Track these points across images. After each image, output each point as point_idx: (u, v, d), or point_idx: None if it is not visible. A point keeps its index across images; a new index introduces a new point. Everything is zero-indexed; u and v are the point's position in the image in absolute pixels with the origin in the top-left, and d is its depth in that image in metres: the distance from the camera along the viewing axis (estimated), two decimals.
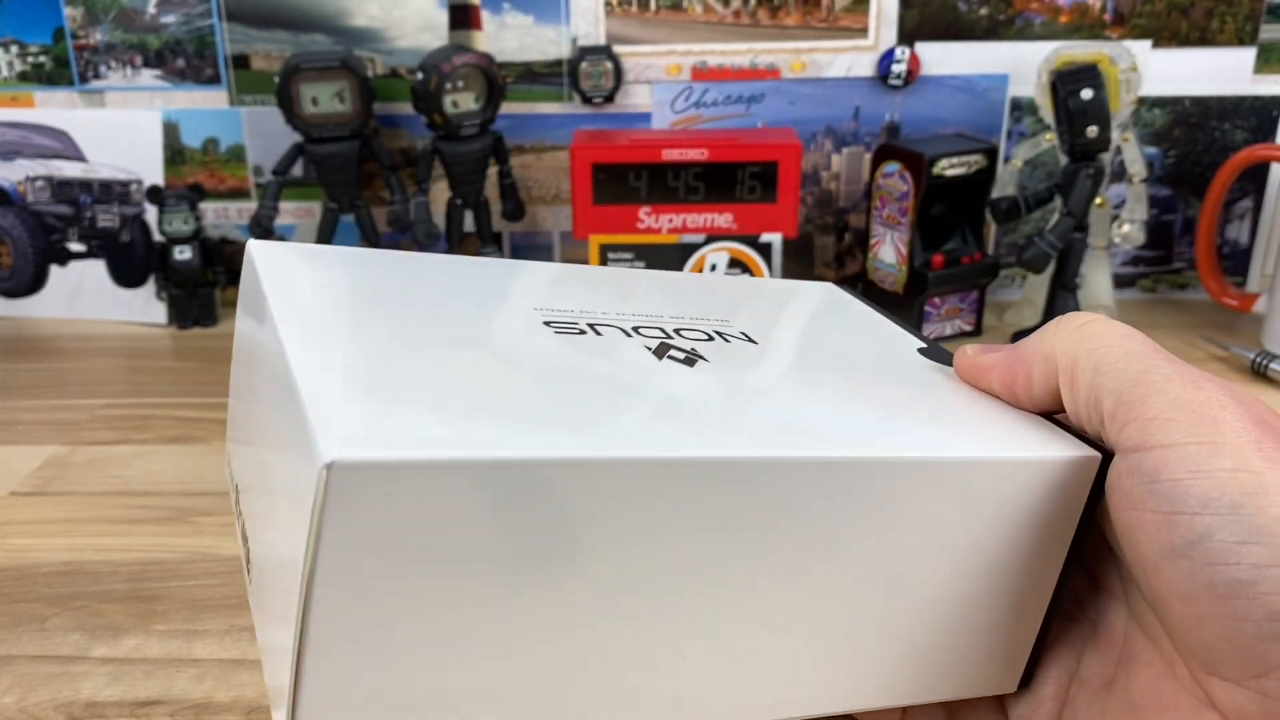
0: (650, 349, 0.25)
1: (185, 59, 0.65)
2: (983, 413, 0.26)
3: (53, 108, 0.66)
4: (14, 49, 0.65)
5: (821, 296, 0.35)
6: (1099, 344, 0.24)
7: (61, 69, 0.65)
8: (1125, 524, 0.22)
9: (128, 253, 0.66)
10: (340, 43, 0.64)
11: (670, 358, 0.25)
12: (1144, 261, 0.68)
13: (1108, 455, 0.24)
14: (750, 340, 0.28)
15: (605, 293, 0.30)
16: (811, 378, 0.26)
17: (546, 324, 0.26)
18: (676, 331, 0.27)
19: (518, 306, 0.27)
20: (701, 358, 0.25)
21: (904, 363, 0.29)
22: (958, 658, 0.26)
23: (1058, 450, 0.24)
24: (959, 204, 0.60)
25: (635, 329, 0.27)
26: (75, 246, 0.66)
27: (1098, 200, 0.60)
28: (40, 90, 0.66)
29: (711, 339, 0.27)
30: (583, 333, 0.25)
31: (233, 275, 0.65)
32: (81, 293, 0.66)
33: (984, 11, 0.63)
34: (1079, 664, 0.26)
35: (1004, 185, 0.63)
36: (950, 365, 0.28)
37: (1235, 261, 0.67)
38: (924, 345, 0.30)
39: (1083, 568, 0.27)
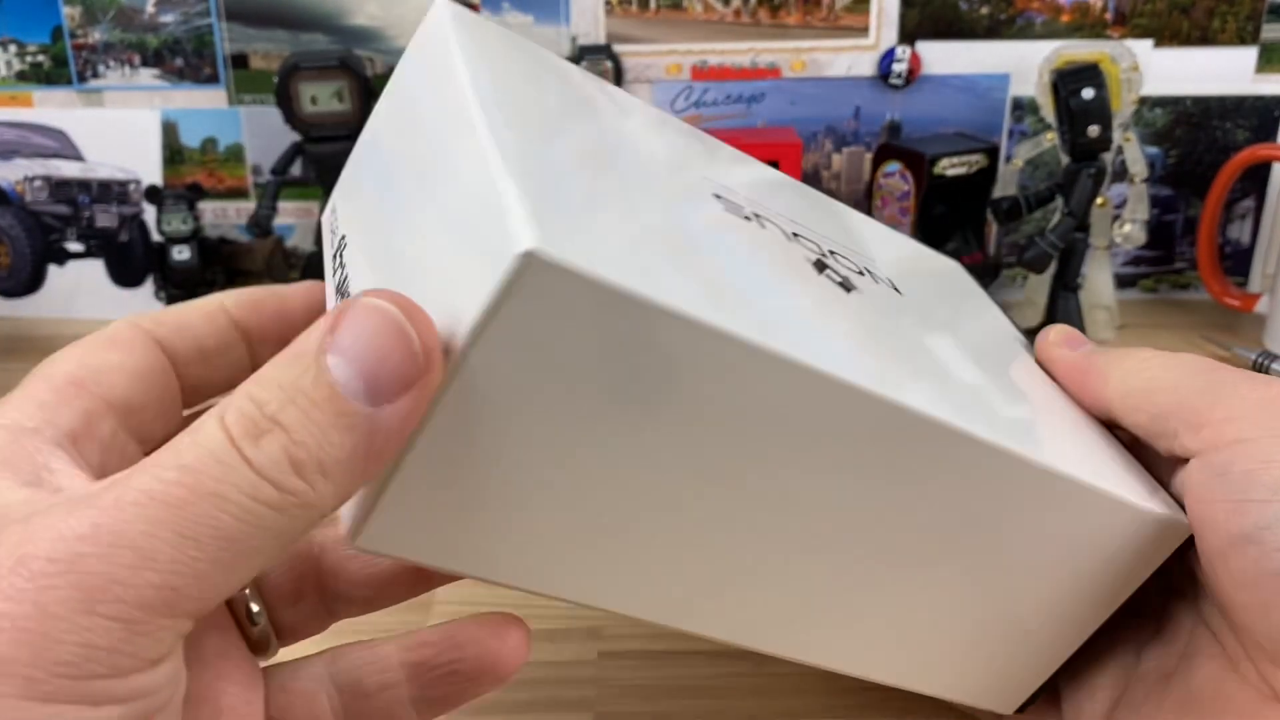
0: (810, 260, 0.24)
1: (184, 58, 0.65)
2: (1096, 437, 0.26)
3: (51, 107, 0.66)
4: (12, 48, 0.65)
5: (950, 271, 0.34)
6: (1160, 369, 0.25)
7: (60, 68, 0.65)
8: (1198, 517, 0.23)
9: (126, 252, 0.65)
10: (339, 42, 0.64)
11: (828, 276, 0.24)
12: (1145, 261, 0.68)
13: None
14: (895, 289, 0.27)
15: (764, 187, 0.28)
16: (964, 351, 0.26)
17: (716, 197, 0.24)
18: (831, 253, 0.26)
19: (693, 172, 0.25)
20: (856, 289, 0.24)
21: (1025, 358, 0.29)
22: (989, 666, 0.26)
23: (1161, 506, 0.24)
24: (960, 204, 0.60)
25: (795, 234, 0.25)
26: (73, 246, 0.66)
27: (1099, 200, 0.60)
28: (38, 90, 0.66)
29: (862, 274, 0.26)
30: (748, 220, 0.24)
31: (231, 275, 0.65)
32: (80, 292, 0.66)
33: (985, 11, 0.63)
34: (1139, 659, 0.26)
35: (1005, 185, 0.62)
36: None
37: (1236, 261, 0.67)
38: (1024, 340, 0.31)
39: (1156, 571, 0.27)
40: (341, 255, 0.24)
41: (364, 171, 0.26)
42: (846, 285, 0.24)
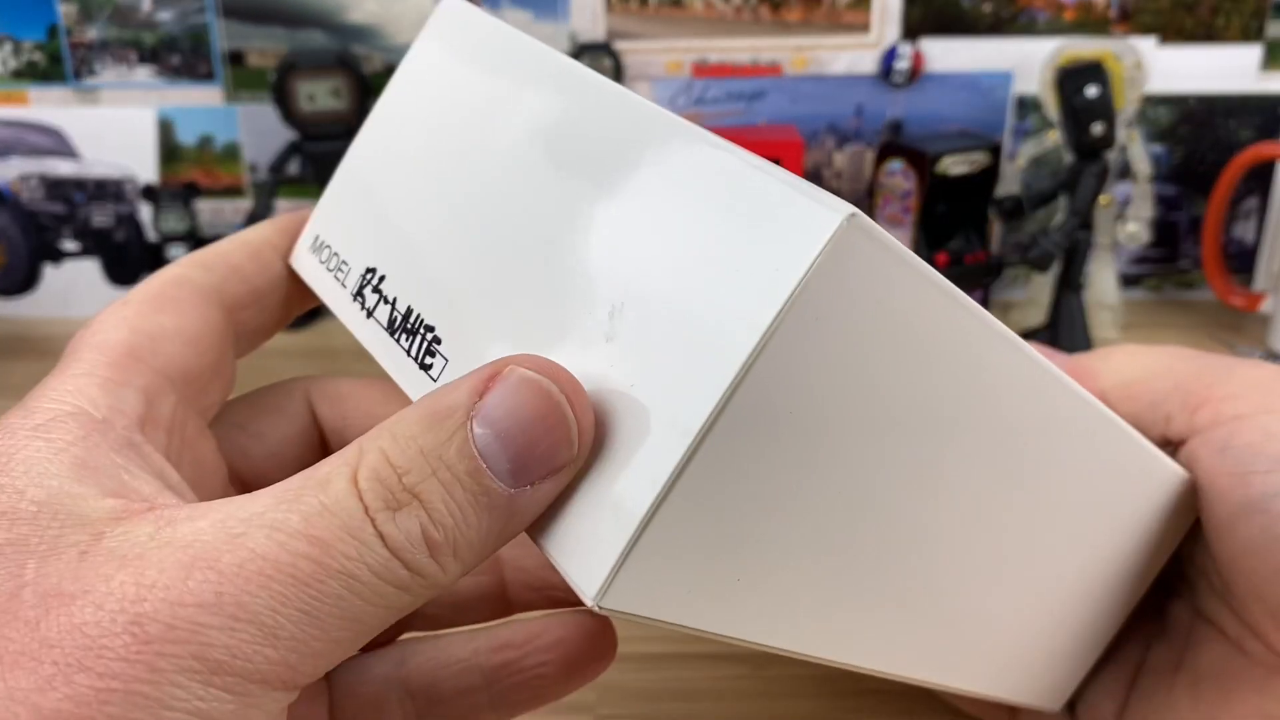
0: None
1: (180, 56, 0.64)
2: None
3: (47, 105, 0.65)
4: (8, 46, 0.64)
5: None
6: (1152, 359, 0.26)
7: (56, 66, 0.65)
8: (1201, 494, 0.24)
9: (122, 251, 0.65)
10: (337, 39, 0.64)
11: None
12: (1149, 260, 0.67)
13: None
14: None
15: None
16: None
17: None
18: None
19: None
20: None
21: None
22: (1050, 659, 0.26)
23: (1181, 470, 0.24)
24: (963, 202, 0.60)
25: None
26: (69, 245, 0.66)
27: (1103, 199, 0.59)
28: (34, 88, 0.65)
29: None
30: None
31: None
32: (75, 292, 0.66)
33: (988, 8, 0.62)
34: (1146, 655, 0.27)
35: (1008, 183, 0.62)
36: None
37: (1241, 260, 0.67)
38: None
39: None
40: (390, 299, 0.21)
41: (404, 206, 0.22)
42: None
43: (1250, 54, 0.63)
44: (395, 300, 0.21)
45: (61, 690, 0.15)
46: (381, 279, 0.22)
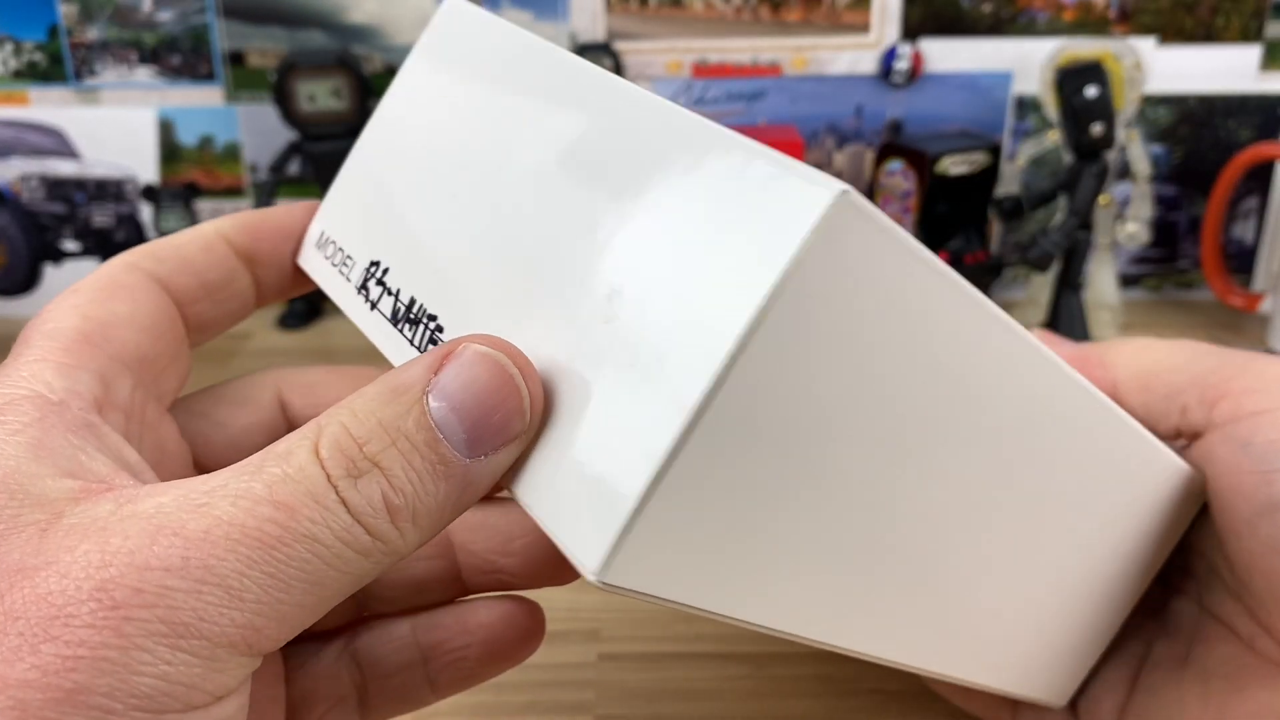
0: None
1: (181, 56, 0.64)
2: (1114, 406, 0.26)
3: (47, 105, 0.65)
4: (8, 46, 0.65)
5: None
6: (1166, 351, 0.26)
7: (56, 66, 0.65)
8: (1221, 489, 0.23)
9: (122, 252, 0.65)
10: (337, 39, 0.64)
11: None
12: (1149, 260, 0.67)
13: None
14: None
15: None
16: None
17: None
18: None
19: None
20: None
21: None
22: (1057, 652, 0.26)
23: (1184, 465, 0.24)
24: (962, 202, 0.60)
25: None
26: (69, 245, 0.66)
27: (1102, 199, 0.59)
28: (35, 88, 0.65)
29: None
30: None
31: None
32: None
33: (987, 8, 0.62)
34: (1149, 650, 0.27)
35: (1008, 183, 0.62)
36: None
37: (1241, 260, 0.67)
38: None
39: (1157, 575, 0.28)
40: (394, 290, 0.22)
41: (409, 199, 0.23)
42: None
43: (1250, 54, 0.63)
44: (399, 291, 0.21)
45: (28, 660, 0.15)
46: (385, 271, 0.22)
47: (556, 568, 0.25)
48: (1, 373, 0.19)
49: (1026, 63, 0.62)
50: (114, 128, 0.65)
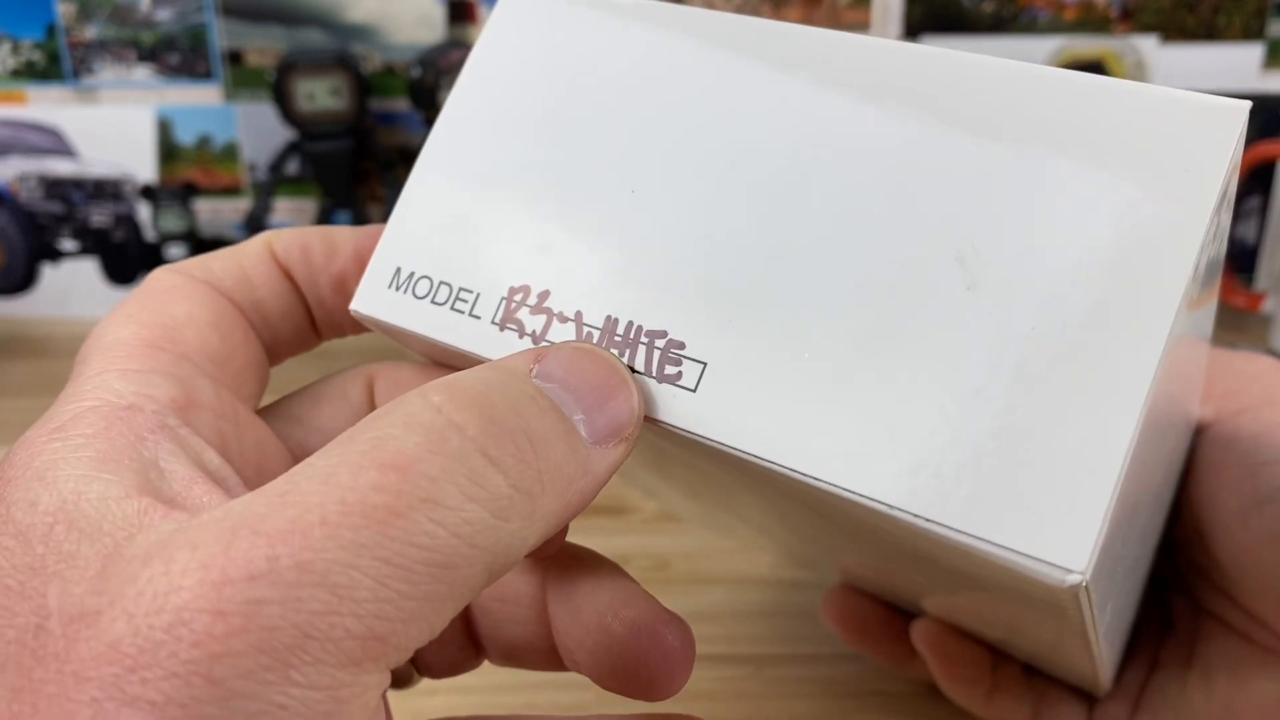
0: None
1: (179, 55, 0.64)
2: None
3: (45, 104, 0.65)
4: (6, 45, 0.64)
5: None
6: None
7: (54, 65, 0.65)
8: (1210, 486, 0.24)
9: (120, 251, 0.65)
10: (336, 38, 0.63)
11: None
12: None
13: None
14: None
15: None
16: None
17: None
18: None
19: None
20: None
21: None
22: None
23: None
24: None
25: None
26: (67, 245, 0.66)
27: None
28: (32, 86, 0.65)
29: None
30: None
31: None
32: (74, 292, 0.66)
33: (988, 8, 0.62)
34: (1158, 652, 0.27)
35: None
36: None
37: (1242, 260, 0.67)
38: None
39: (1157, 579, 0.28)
40: (570, 314, 0.18)
41: (567, 200, 0.19)
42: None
43: (1251, 53, 0.62)
44: (581, 314, 0.18)
45: None
46: (544, 294, 0.19)
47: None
48: (64, 394, 0.17)
49: (1028, 62, 0.62)
50: (112, 127, 0.64)
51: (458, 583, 0.13)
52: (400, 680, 0.21)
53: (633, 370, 0.17)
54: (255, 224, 0.62)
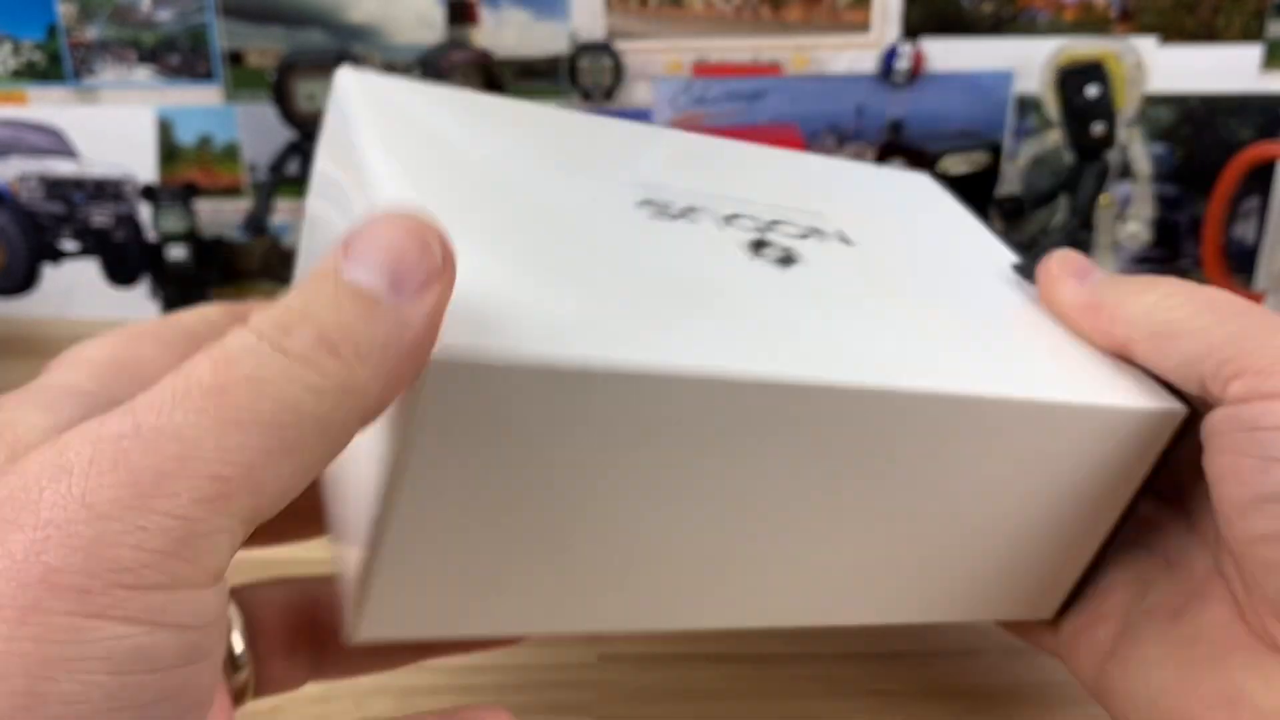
0: (745, 244, 0.24)
1: (180, 55, 0.64)
2: (1071, 349, 0.25)
3: (46, 105, 0.65)
4: (7, 45, 0.64)
5: (919, 190, 0.34)
6: (1186, 310, 0.24)
7: (55, 66, 0.65)
8: (1220, 468, 0.23)
9: (121, 251, 0.65)
10: (337, 38, 0.63)
11: (764, 256, 0.24)
12: (1150, 260, 0.67)
13: (1194, 410, 0.24)
14: (846, 241, 0.27)
15: (710, 170, 0.28)
16: (905, 294, 0.25)
17: (644, 203, 0.25)
18: (773, 223, 0.26)
19: (615, 182, 0.25)
20: (797, 260, 0.25)
21: (998, 280, 0.29)
22: (1003, 584, 0.26)
23: (1143, 400, 0.24)
24: (963, 201, 0.60)
25: (731, 216, 0.25)
26: (68, 245, 0.66)
27: (1103, 198, 0.59)
28: (33, 87, 0.65)
29: (807, 237, 0.26)
30: (677, 218, 0.24)
31: (226, 274, 0.65)
32: (75, 292, 0.66)
33: (988, 8, 0.62)
34: (1147, 592, 0.26)
35: (1008, 183, 0.62)
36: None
37: (1242, 260, 0.67)
38: (1018, 263, 0.30)
39: (1179, 507, 0.27)
40: None
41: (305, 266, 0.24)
42: (787, 259, 0.24)
43: (1251, 54, 0.63)
44: None
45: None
46: None
47: None
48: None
49: (1027, 62, 0.62)
50: (113, 127, 0.65)
51: (289, 440, 0.16)
52: (233, 696, 0.23)
53: None
54: (256, 224, 0.62)
